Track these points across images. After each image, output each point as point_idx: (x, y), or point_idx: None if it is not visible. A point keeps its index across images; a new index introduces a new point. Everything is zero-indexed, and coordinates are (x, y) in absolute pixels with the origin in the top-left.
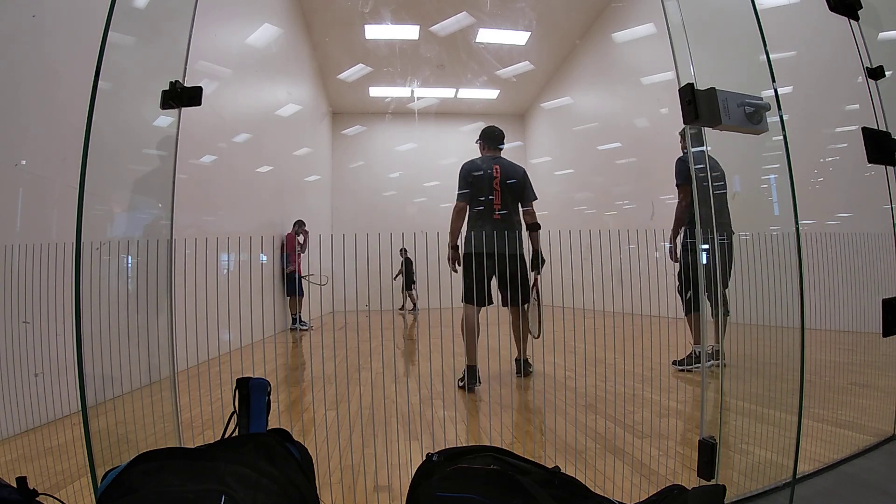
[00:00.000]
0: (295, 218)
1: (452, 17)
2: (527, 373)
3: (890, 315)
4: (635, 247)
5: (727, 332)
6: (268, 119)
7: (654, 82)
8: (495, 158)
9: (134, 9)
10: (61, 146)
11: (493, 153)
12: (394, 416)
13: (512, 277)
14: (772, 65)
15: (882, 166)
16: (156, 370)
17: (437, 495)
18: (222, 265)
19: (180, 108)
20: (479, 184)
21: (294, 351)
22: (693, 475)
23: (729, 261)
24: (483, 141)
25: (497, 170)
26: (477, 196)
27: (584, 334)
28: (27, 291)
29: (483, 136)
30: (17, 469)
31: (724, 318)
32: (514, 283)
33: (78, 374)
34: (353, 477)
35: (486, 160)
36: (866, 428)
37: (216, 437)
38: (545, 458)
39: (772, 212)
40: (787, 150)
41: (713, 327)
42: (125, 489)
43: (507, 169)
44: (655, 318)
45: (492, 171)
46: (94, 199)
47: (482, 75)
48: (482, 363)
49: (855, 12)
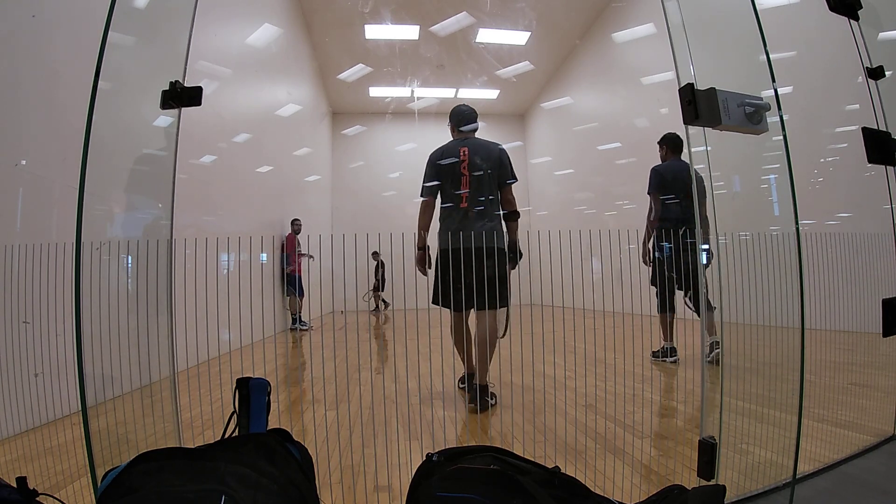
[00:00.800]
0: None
1: (452, 17)
2: (485, 406)
3: (890, 315)
4: (635, 247)
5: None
6: (268, 119)
7: (654, 82)
8: (464, 140)
9: (134, 9)
10: (61, 146)
11: (464, 135)
12: (394, 416)
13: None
14: (772, 65)
15: (882, 166)
16: (156, 370)
17: (437, 495)
18: (222, 265)
19: (180, 108)
20: (447, 172)
21: (294, 351)
22: (693, 475)
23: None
24: (451, 122)
25: (464, 152)
26: (446, 187)
27: (584, 334)
28: (27, 291)
29: (451, 116)
30: (17, 469)
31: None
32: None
33: (78, 374)
34: (353, 477)
35: (454, 143)
36: (866, 428)
37: (216, 437)
38: (545, 458)
39: (772, 212)
40: (787, 150)
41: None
42: (125, 489)
43: (477, 150)
44: (655, 318)
45: (458, 153)
46: (94, 199)
47: (482, 75)
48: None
49: (855, 12)
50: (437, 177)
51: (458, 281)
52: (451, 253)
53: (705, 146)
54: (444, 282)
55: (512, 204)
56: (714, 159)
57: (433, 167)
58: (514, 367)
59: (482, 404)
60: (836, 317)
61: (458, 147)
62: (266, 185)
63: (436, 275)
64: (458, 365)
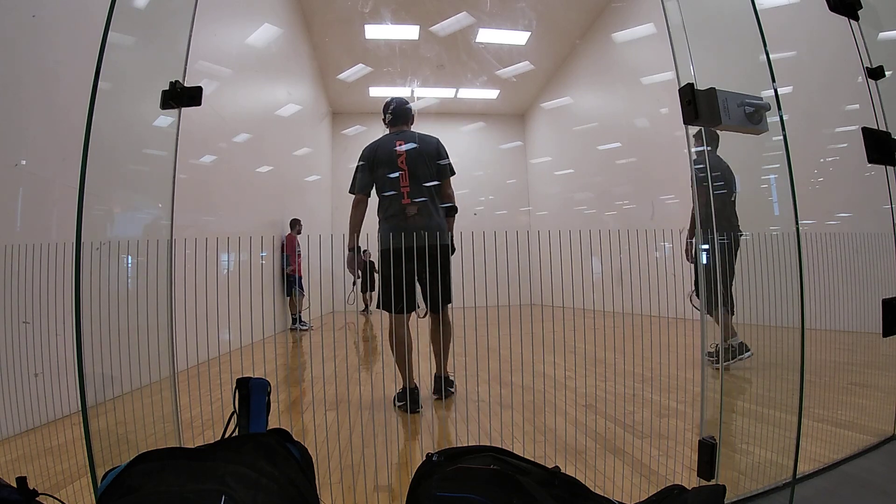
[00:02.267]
0: (294, 217)
1: (452, 17)
2: (448, 393)
3: (890, 315)
4: (635, 247)
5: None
6: (268, 119)
7: (654, 82)
8: (400, 133)
9: (134, 9)
10: (61, 146)
11: (398, 128)
12: (394, 416)
13: (432, 276)
14: (772, 65)
15: (882, 166)
16: (156, 370)
17: (437, 495)
18: (222, 265)
19: (180, 108)
20: (382, 166)
21: (294, 351)
22: (693, 475)
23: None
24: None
25: (401, 145)
26: (383, 182)
27: (584, 334)
28: (27, 291)
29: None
30: (17, 469)
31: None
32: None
33: (78, 374)
34: (353, 477)
35: (389, 137)
36: (866, 428)
37: (216, 437)
38: (545, 458)
39: (772, 212)
40: (787, 150)
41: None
42: (125, 489)
43: (414, 142)
44: (655, 318)
45: (393, 147)
46: (94, 199)
47: (482, 75)
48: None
49: (855, 12)
50: (371, 172)
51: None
52: (394, 253)
53: (705, 146)
54: (397, 281)
55: (451, 198)
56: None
57: (366, 161)
58: (514, 367)
59: (446, 392)
60: (836, 317)
61: (394, 140)
62: (266, 185)
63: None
64: (458, 365)
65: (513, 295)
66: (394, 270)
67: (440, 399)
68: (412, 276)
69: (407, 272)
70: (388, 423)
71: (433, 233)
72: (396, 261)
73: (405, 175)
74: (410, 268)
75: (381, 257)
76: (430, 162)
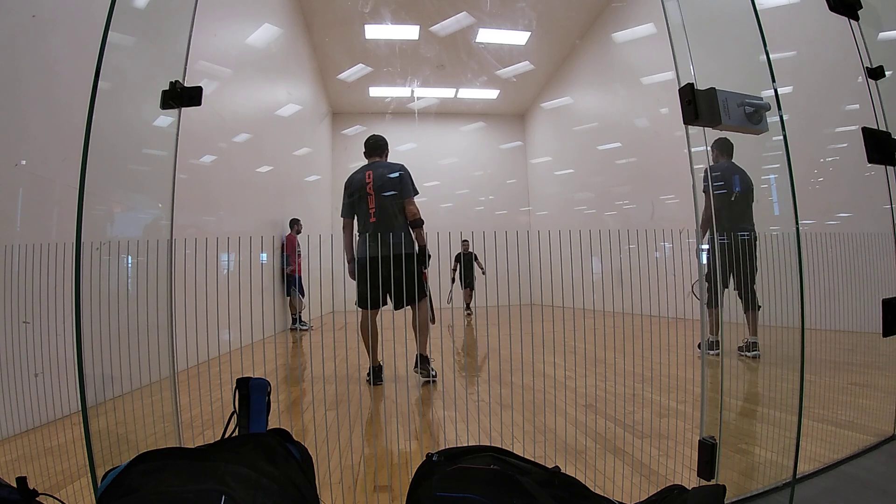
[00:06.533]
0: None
1: (452, 17)
2: (425, 370)
3: (890, 315)
4: (635, 247)
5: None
6: (268, 119)
7: (654, 82)
8: (370, 164)
9: (134, 9)
10: (61, 146)
11: (371, 160)
12: (394, 416)
13: (396, 278)
14: (772, 65)
15: (882, 166)
16: (156, 370)
17: (437, 495)
18: (222, 265)
19: (180, 108)
20: (356, 193)
21: (294, 351)
22: (693, 475)
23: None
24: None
25: (370, 175)
26: (357, 206)
27: (584, 334)
28: (27, 291)
29: (364, 144)
30: (17, 469)
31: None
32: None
33: (78, 374)
34: (353, 477)
35: (362, 168)
36: (866, 428)
37: (216, 437)
38: (545, 458)
39: (772, 212)
40: (787, 150)
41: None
42: (125, 489)
43: (380, 171)
44: (655, 318)
45: (364, 176)
46: (94, 199)
47: (482, 75)
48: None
49: (855, 12)
50: (349, 198)
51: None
52: (359, 261)
53: (705, 146)
54: (361, 286)
55: (414, 214)
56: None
57: (346, 190)
58: (514, 367)
59: (424, 370)
60: (836, 317)
61: (364, 171)
62: (266, 185)
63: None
64: (458, 365)
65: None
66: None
67: (417, 371)
68: (377, 280)
69: (372, 276)
70: (389, 423)
71: (396, 244)
72: (365, 268)
73: (371, 198)
74: (375, 273)
75: (357, 265)
76: (394, 186)
